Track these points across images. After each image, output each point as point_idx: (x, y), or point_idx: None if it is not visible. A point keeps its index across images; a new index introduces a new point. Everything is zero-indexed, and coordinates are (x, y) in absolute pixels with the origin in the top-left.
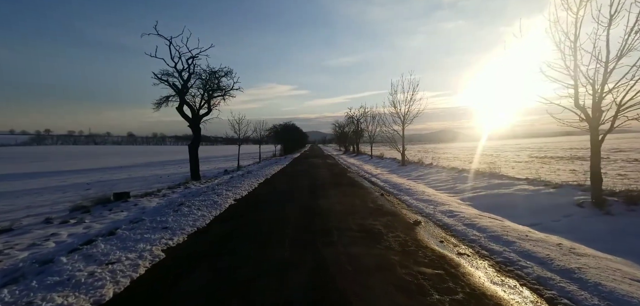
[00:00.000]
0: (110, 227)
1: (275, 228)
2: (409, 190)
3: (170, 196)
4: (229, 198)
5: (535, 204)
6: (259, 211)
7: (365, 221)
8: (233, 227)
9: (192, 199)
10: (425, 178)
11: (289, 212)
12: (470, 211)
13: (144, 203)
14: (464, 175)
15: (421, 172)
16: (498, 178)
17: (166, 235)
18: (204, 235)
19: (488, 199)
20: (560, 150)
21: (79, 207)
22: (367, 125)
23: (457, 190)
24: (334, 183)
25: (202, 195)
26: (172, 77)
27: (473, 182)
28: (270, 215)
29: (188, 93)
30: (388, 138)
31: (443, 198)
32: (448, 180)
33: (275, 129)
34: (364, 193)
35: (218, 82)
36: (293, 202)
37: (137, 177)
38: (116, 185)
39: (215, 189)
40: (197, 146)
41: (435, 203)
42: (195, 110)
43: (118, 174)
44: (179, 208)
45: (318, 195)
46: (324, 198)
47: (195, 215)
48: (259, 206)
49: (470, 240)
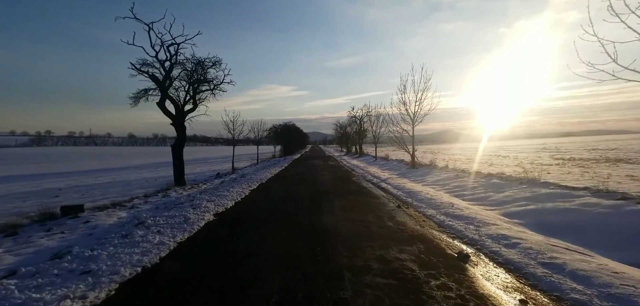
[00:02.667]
0: (9, 268)
1: (258, 273)
2: (432, 201)
3: (140, 207)
4: (208, 212)
5: (629, 227)
6: (240, 236)
7: (387, 252)
8: (194, 271)
9: (161, 214)
10: (445, 184)
11: (282, 235)
12: (532, 236)
13: (99, 219)
14: (494, 181)
15: (436, 176)
16: (542, 186)
17: (78, 290)
18: (143, 286)
19: (545, 217)
20: (583, 152)
21: (7, 227)
22: (371, 125)
23: (494, 202)
24: (339, 190)
25: (175, 208)
26: (152, 67)
27: (509, 191)
28: (254, 244)
29: (171, 86)
30: (396, 139)
31: (481, 213)
32: (476, 188)
33: (275, 129)
34: (376, 205)
35: (204, 73)
36: (288, 218)
37: (121, 181)
38: (92, 190)
39: (196, 199)
40: (182, 147)
41: (475, 221)
42: (180, 106)
43: (103, 177)
44: (134, 229)
45: (320, 207)
46: (327, 213)
47: (150, 243)
48: (244, 225)
49: (573, 302)
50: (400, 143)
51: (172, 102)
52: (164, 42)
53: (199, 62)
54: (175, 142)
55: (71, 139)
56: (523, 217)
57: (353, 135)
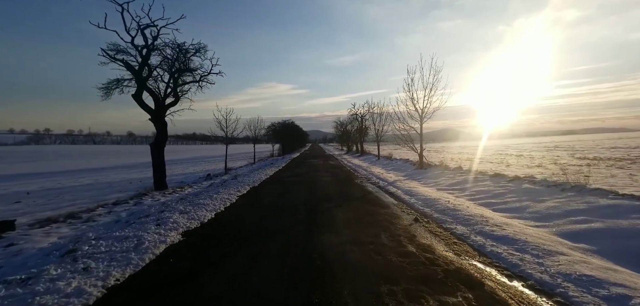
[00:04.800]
0: None
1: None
2: (457, 213)
3: (96, 220)
4: (176, 230)
5: None
6: (205, 273)
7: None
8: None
9: (112, 233)
10: (463, 189)
11: (268, 269)
12: (636, 279)
13: (29, 242)
14: (525, 187)
15: (450, 179)
16: (595, 195)
17: None
18: None
19: (628, 242)
20: (602, 150)
21: None
22: (373, 122)
23: (536, 215)
24: (341, 196)
25: (135, 224)
26: (127, 54)
27: (552, 200)
28: (223, 288)
29: (150, 76)
30: (402, 137)
31: (529, 232)
32: (504, 194)
33: (274, 127)
34: (387, 217)
35: (186, 62)
36: (278, 239)
37: (102, 182)
38: (62, 195)
39: (167, 209)
40: (163, 145)
41: (530, 247)
42: (160, 99)
43: (85, 178)
44: (56, 263)
45: (320, 221)
46: (329, 230)
47: (59, 293)
48: (216, 252)
49: None
50: (406, 142)
51: (151, 95)
52: (142, 26)
53: (180, 48)
54: (154, 141)
55: (69, 138)
56: (593, 240)
57: (354, 134)
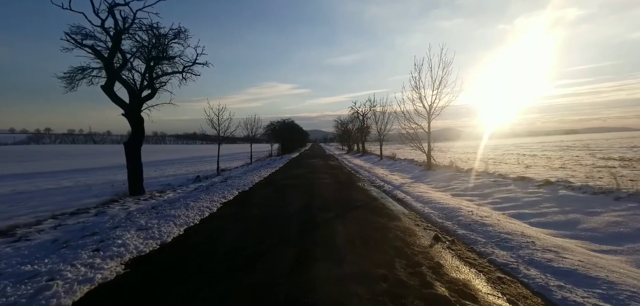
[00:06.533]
0: None
1: None
2: (488, 230)
3: (30, 240)
4: (120, 258)
5: None
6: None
7: None
8: None
9: (27, 264)
10: (485, 195)
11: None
12: None
13: None
14: (563, 194)
15: (465, 182)
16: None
17: None
18: None
19: None
20: (620, 150)
21: None
22: (375, 121)
23: (598, 236)
24: (342, 204)
25: (67, 249)
26: (95, 39)
27: (607, 214)
28: None
29: (125, 67)
30: (408, 136)
31: (603, 264)
32: (539, 203)
33: (273, 127)
34: (399, 235)
35: (164, 49)
36: (256, 273)
37: (82, 185)
38: (31, 200)
39: (128, 224)
40: (139, 144)
41: (622, 296)
42: (135, 92)
43: (66, 180)
44: None
45: (315, 239)
46: (325, 256)
47: None
48: (159, 302)
49: None
50: (412, 141)
51: (124, 86)
52: (112, 3)
53: (154, 31)
54: (129, 139)
55: (70, 137)
56: None
57: (355, 133)
